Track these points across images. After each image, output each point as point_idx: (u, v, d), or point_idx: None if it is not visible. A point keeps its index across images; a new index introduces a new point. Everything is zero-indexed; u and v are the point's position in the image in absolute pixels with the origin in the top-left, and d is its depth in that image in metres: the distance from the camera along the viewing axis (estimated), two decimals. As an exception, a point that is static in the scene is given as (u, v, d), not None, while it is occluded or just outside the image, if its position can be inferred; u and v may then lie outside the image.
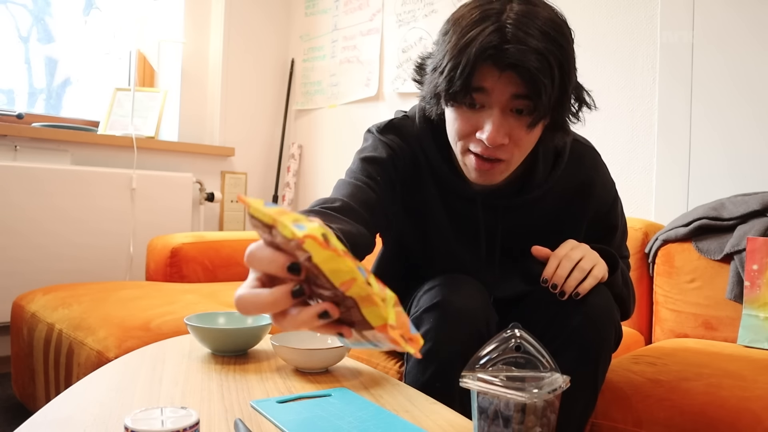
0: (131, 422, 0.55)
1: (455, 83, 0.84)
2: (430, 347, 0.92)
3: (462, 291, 0.93)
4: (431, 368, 0.92)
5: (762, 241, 1.38)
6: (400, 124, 1.04)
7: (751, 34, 1.65)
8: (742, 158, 1.67)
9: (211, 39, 2.86)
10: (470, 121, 0.88)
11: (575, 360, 0.93)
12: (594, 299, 0.95)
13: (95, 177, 2.32)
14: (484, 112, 0.87)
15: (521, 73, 0.81)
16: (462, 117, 0.89)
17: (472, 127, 0.88)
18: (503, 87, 0.83)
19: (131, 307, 1.51)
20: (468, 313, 0.91)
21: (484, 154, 0.89)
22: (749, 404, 0.95)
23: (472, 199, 1.02)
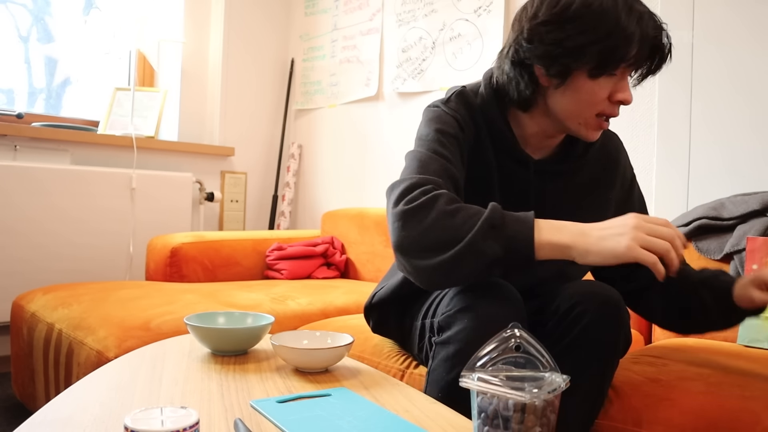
0: (131, 422, 0.55)
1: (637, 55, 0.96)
2: (459, 348, 0.91)
3: (498, 296, 0.93)
4: (457, 369, 0.91)
5: (762, 240, 1.38)
6: (461, 95, 1.10)
7: (751, 34, 1.65)
8: (742, 158, 1.67)
9: (211, 39, 2.86)
10: (607, 87, 0.99)
11: (584, 359, 0.93)
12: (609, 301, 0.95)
13: (95, 177, 2.32)
14: (617, 78, 0.99)
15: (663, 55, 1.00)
16: (602, 85, 0.99)
17: (608, 92, 0.99)
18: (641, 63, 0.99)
19: (131, 306, 1.51)
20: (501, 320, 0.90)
21: (614, 114, 1.02)
22: (749, 404, 0.95)
23: (526, 163, 1.09)
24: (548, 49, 0.97)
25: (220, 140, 2.84)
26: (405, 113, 2.52)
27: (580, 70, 0.97)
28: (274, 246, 2.28)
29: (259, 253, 2.28)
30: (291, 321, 1.62)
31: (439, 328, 0.96)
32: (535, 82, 1.01)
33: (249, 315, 1.08)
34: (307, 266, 2.27)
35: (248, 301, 1.68)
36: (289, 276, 2.21)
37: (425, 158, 0.99)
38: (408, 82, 2.49)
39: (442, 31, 2.38)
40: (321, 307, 1.73)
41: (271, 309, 1.63)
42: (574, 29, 0.94)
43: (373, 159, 2.66)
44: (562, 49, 0.96)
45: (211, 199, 2.74)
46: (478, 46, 2.26)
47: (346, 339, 0.97)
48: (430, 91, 2.42)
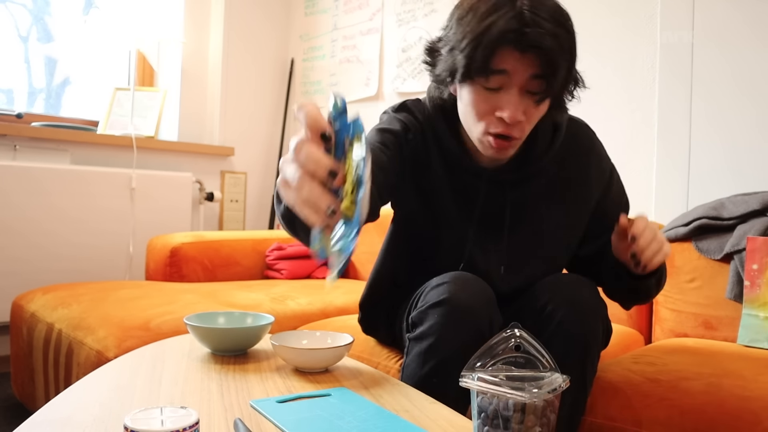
0: (131, 422, 0.55)
1: (476, 62, 0.89)
2: (432, 342, 0.93)
3: (469, 290, 0.94)
4: (430, 363, 0.93)
5: (762, 240, 1.38)
6: (412, 105, 1.11)
7: (752, 34, 1.65)
8: (742, 158, 1.67)
9: (211, 38, 2.86)
10: (489, 102, 0.93)
11: (561, 353, 0.93)
12: (581, 293, 0.96)
13: (95, 177, 2.32)
14: (502, 92, 0.92)
15: (541, 54, 0.88)
16: (481, 97, 0.94)
17: (492, 107, 0.94)
18: (523, 68, 0.89)
19: (131, 306, 1.51)
20: (473, 313, 0.93)
21: (504, 132, 0.94)
22: (749, 404, 0.95)
23: (479, 174, 1.06)
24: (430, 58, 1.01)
25: (220, 140, 2.84)
26: (405, 113, 2.52)
27: (457, 80, 0.95)
28: (273, 246, 2.28)
29: (259, 253, 2.28)
30: (291, 321, 1.61)
31: (413, 324, 0.98)
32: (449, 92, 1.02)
33: (249, 315, 1.08)
34: (307, 266, 2.27)
35: (248, 301, 1.68)
36: (289, 276, 2.21)
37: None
38: (408, 82, 2.49)
39: (442, 31, 2.38)
40: (321, 307, 1.73)
41: (271, 309, 1.63)
42: (446, 35, 0.96)
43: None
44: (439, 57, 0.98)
45: (211, 199, 2.74)
46: (478, 46, 2.26)
47: (346, 339, 0.97)
48: (430, 91, 2.42)
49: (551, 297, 0.96)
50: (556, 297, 0.96)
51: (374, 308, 1.25)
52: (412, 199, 1.10)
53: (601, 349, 1.02)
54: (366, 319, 1.28)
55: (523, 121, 0.94)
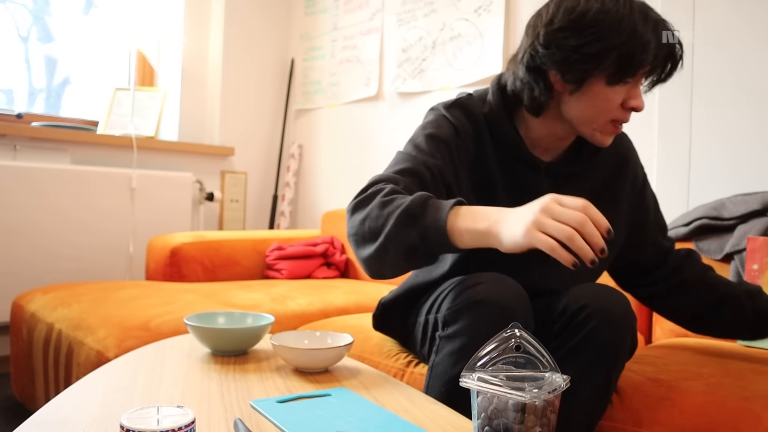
0: (127, 421, 0.55)
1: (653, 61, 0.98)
2: (465, 343, 0.91)
3: (505, 292, 0.93)
4: (462, 363, 0.91)
5: (762, 240, 1.38)
6: (465, 102, 1.11)
7: (752, 34, 1.65)
8: (743, 158, 1.67)
9: (211, 38, 2.86)
10: (621, 94, 1.00)
11: (591, 360, 0.93)
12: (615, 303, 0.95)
13: (95, 177, 2.32)
14: (630, 86, 1.00)
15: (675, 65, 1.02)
16: (619, 90, 1.00)
17: (622, 99, 1.01)
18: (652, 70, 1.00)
19: (131, 306, 1.51)
20: (510, 314, 0.91)
21: (627, 120, 1.03)
22: (749, 404, 0.95)
23: (536, 167, 1.09)
24: (566, 54, 0.97)
25: (220, 140, 2.84)
26: (405, 113, 2.52)
27: (597, 77, 0.98)
28: (274, 246, 2.28)
29: (259, 253, 2.28)
30: (291, 321, 1.61)
31: (445, 322, 0.96)
32: (550, 87, 1.02)
33: (249, 315, 1.08)
34: (307, 266, 2.27)
35: (248, 301, 1.68)
36: (289, 276, 2.21)
37: (401, 158, 1.03)
38: (408, 82, 2.49)
39: (442, 30, 2.38)
40: (321, 307, 1.73)
41: (271, 309, 1.63)
42: (592, 35, 0.95)
43: (374, 159, 2.66)
44: (579, 56, 0.96)
45: (211, 199, 2.74)
46: (478, 45, 2.26)
47: (346, 339, 0.97)
48: (430, 90, 2.41)
49: (585, 304, 0.95)
50: (590, 305, 0.95)
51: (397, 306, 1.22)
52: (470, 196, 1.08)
53: (626, 360, 1.01)
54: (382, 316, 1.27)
55: None
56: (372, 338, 1.32)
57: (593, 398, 0.96)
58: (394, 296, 1.24)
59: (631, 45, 0.95)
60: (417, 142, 1.05)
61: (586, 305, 0.95)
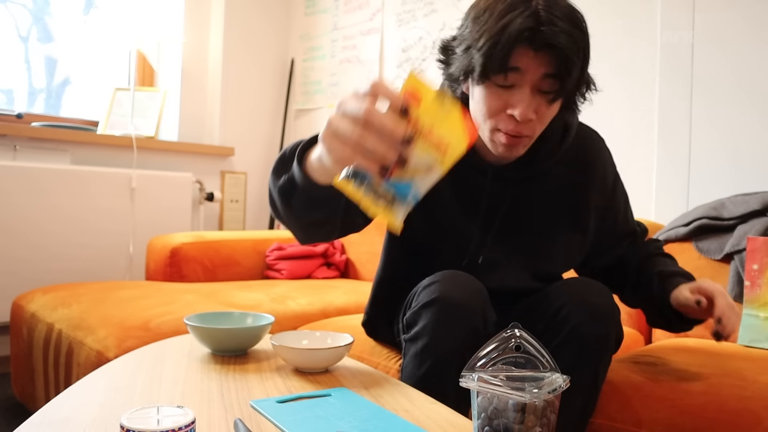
0: (127, 421, 0.55)
1: (494, 60, 0.89)
2: (427, 342, 0.93)
3: (461, 288, 0.94)
4: (427, 363, 0.93)
5: (762, 240, 1.38)
6: None
7: (752, 34, 1.65)
8: (743, 158, 1.67)
9: (211, 38, 2.86)
10: (501, 99, 0.93)
11: (575, 357, 0.93)
12: (596, 297, 0.96)
13: (95, 177, 2.32)
14: (514, 90, 0.92)
15: (555, 53, 0.88)
16: (493, 95, 0.94)
17: (503, 105, 0.93)
18: (537, 67, 0.90)
19: (131, 306, 1.51)
20: (466, 311, 0.92)
21: (512, 131, 0.94)
22: (749, 404, 0.95)
23: (483, 171, 1.06)
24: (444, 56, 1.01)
25: (220, 140, 2.84)
26: (405, 113, 2.52)
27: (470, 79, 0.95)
28: (274, 246, 2.28)
29: (259, 253, 2.28)
30: (291, 321, 1.61)
31: (407, 325, 0.98)
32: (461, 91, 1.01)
33: (249, 315, 1.08)
34: (307, 266, 2.27)
35: (248, 301, 1.68)
36: (289, 276, 2.21)
37: None
38: (408, 82, 2.49)
39: (442, 30, 2.38)
40: (321, 307, 1.73)
41: (271, 309, 1.63)
42: (462, 34, 0.95)
43: (373, 159, 2.65)
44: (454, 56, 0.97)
45: (211, 199, 2.74)
46: (478, 46, 2.26)
47: (346, 339, 0.97)
48: (430, 91, 2.41)
49: (565, 301, 0.96)
50: (570, 301, 0.95)
51: (377, 311, 1.25)
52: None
53: (612, 354, 1.02)
54: (369, 322, 1.29)
55: (533, 120, 0.94)
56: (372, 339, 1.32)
57: (581, 395, 0.96)
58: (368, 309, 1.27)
59: (480, 43, 0.89)
60: None
61: (566, 303, 0.96)
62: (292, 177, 0.83)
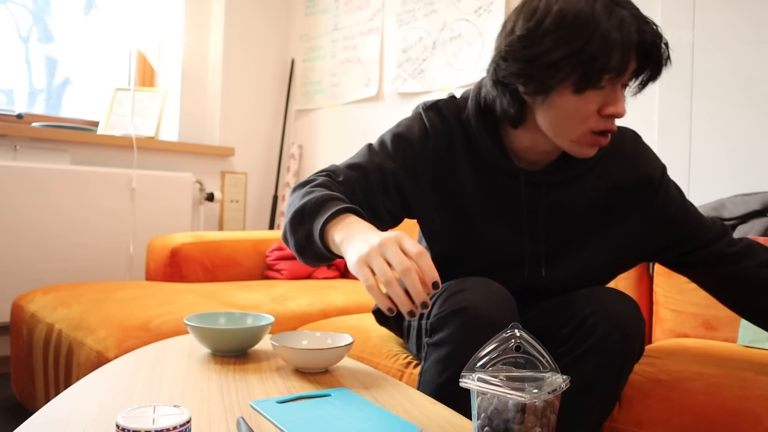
0: (123, 420, 0.55)
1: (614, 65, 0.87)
2: (452, 350, 0.92)
3: (491, 299, 0.93)
4: (449, 371, 0.92)
5: (762, 241, 1.38)
6: (444, 105, 1.08)
7: (752, 34, 1.65)
8: (743, 158, 1.67)
9: (211, 39, 2.86)
10: (596, 101, 0.92)
11: (599, 367, 0.93)
12: (623, 308, 0.95)
13: (95, 177, 2.32)
14: (607, 90, 0.91)
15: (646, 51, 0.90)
16: (589, 100, 0.91)
17: (598, 106, 0.92)
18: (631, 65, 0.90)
19: (131, 307, 1.51)
20: (493, 322, 0.90)
21: (608, 128, 0.93)
22: (749, 404, 0.95)
23: (516, 175, 1.03)
24: (523, 66, 0.91)
25: (220, 140, 2.84)
26: (405, 113, 2.52)
27: (562, 86, 0.91)
28: (274, 246, 2.28)
29: (259, 253, 2.28)
30: (291, 321, 1.61)
31: (431, 329, 0.96)
32: (519, 99, 0.96)
33: (249, 315, 1.08)
34: (307, 267, 2.27)
35: (248, 301, 1.68)
36: (289, 276, 2.21)
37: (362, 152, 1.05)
38: (408, 82, 2.49)
39: (442, 31, 2.38)
40: (321, 307, 1.73)
41: (271, 309, 1.63)
42: (550, 43, 0.88)
43: (373, 159, 2.65)
44: (537, 66, 0.90)
45: (211, 199, 2.74)
46: (478, 46, 2.26)
47: (346, 339, 0.97)
48: (430, 91, 2.41)
49: (594, 310, 0.95)
50: (599, 311, 0.94)
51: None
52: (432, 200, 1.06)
53: (635, 363, 1.01)
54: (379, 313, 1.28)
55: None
56: (372, 338, 1.32)
57: (602, 402, 0.96)
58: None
59: (592, 49, 0.86)
60: (384, 138, 1.06)
61: (595, 311, 0.95)
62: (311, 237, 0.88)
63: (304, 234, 0.89)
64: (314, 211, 0.88)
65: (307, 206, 0.89)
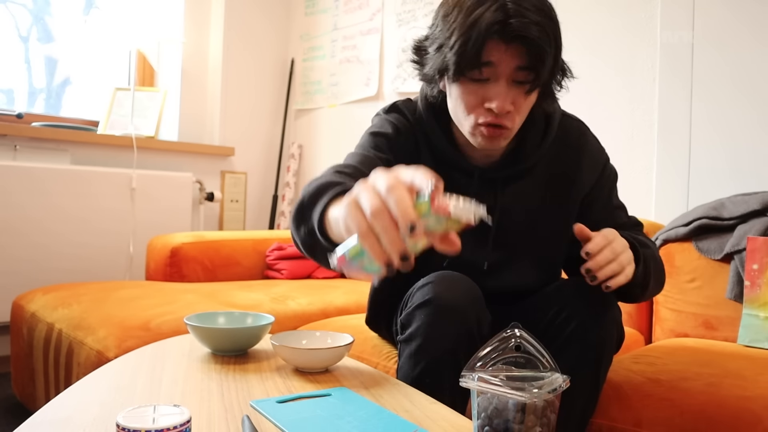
0: (123, 419, 0.55)
1: (466, 57, 0.90)
2: (421, 343, 0.93)
3: (454, 289, 0.94)
4: (421, 364, 0.93)
5: (762, 240, 1.38)
6: (403, 105, 1.13)
7: (751, 34, 1.65)
8: (742, 158, 1.67)
9: (211, 38, 2.86)
10: (478, 94, 0.94)
11: (576, 358, 0.93)
12: (597, 299, 0.96)
13: (95, 177, 2.32)
14: (490, 84, 0.93)
15: (526, 44, 0.89)
16: (470, 91, 0.95)
17: (480, 99, 0.95)
18: (509, 59, 0.91)
19: (131, 306, 1.51)
20: (459, 312, 0.92)
21: (493, 122, 0.95)
22: (749, 404, 0.95)
23: (470, 173, 1.06)
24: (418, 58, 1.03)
25: (220, 140, 2.84)
26: (405, 113, 2.52)
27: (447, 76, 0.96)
28: (274, 246, 2.28)
29: (259, 253, 2.28)
30: (291, 321, 1.61)
31: (402, 326, 0.98)
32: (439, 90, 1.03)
33: (249, 315, 1.08)
34: (307, 266, 2.27)
35: (248, 301, 1.68)
36: (289, 276, 2.21)
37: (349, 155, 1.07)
38: (408, 82, 2.49)
39: (442, 31, 2.38)
40: (321, 307, 1.73)
41: (271, 309, 1.63)
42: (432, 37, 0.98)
43: (373, 159, 2.66)
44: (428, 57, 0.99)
45: (211, 199, 2.74)
46: (478, 46, 2.26)
47: (346, 339, 0.97)
48: (430, 91, 2.42)
49: (566, 303, 0.96)
50: (570, 303, 0.96)
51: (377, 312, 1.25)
52: None
53: (614, 354, 1.02)
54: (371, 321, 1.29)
55: (512, 111, 0.94)
56: (372, 338, 1.32)
57: (583, 394, 0.96)
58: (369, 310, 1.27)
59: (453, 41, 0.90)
60: (362, 141, 1.10)
61: (567, 304, 0.96)
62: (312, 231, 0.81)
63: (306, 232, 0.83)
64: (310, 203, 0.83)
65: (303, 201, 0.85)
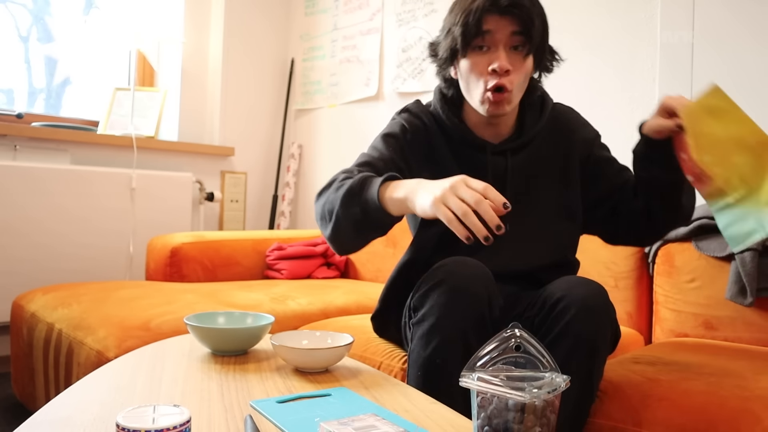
0: (123, 419, 0.55)
1: (469, 28, 1.08)
2: (433, 323, 0.96)
3: (467, 272, 0.98)
4: (433, 343, 0.95)
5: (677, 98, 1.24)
6: (412, 106, 1.27)
7: (751, 35, 1.65)
8: (742, 158, 1.67)
9: (211, 38, 2.86)
10: (482, 62, 1.10)
11: (569, 352, 0.95)
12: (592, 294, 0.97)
13: (95, 177, 2.32)
14: (491, 52, 1.09)
15: (517, 13, 1.07)
16: (476, 61, 1.10)
17: (485, 64, 1.09)
18: (504, 27, 1.08)
19: (131, 306, 1.51)
20: (471, 293, 0.96)
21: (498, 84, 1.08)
22: (749, 404, 0.96)
23: (483, 148, 1.19)
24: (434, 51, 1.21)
25: (220, 140, 2.84)
26: (405, 113, 2.52)
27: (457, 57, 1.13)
28: (274, 246, 2.28)
29: (259, 253, 2.28)
30: (291, 321, 1.62)
31: (414, 308, 1.01)
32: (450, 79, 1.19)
33: (249, 315, 1.08)
34: (307, 266, 2.27)
35: (248, 301, 1.68)
36: (289, 276, 2.21)
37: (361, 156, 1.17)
38: (408, 82, 2.49)
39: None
40: (321, 307, 1.73)
41: (271, 309, 1.63)
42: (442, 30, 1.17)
43: (373, 159, 2.65)
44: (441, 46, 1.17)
45: (211, 199, 2.74)
46: (478, 46, 2.26)
47: (346, 339, 0.97)
48: (430, 91, 2.41)
49: (563, 295, 0.98)
50: (567, 296, 0.98)
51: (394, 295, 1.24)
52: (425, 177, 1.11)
53: (608, 353, 1.03)
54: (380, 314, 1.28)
55: (512, 72, 1.08)
56: (372, 338, 1.33)
57: (576, 390, 0.96)
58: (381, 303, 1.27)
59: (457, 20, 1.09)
60: (374, 143, 1.21)
61: (563, 297, 0.98)
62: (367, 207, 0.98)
63: (359, 210, 0.99)
64: (361, 189, 1.00)
65: (353, 187, 1.00)
